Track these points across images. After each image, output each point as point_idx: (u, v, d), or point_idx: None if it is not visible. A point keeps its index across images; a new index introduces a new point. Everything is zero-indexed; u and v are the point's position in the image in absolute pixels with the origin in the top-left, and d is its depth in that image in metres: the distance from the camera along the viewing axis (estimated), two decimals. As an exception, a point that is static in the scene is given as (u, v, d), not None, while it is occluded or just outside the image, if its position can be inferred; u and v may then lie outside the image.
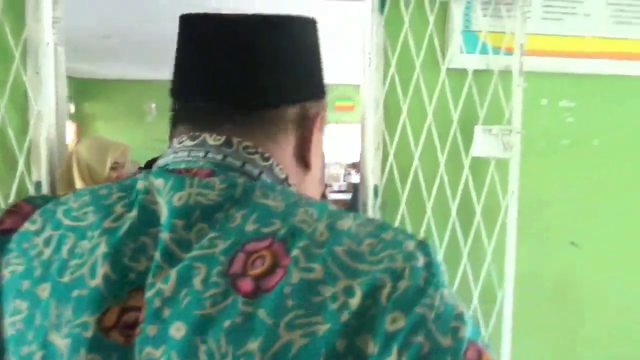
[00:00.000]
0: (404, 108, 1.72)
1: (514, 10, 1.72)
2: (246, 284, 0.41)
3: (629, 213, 1.92)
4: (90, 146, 1.46)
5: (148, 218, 0.47)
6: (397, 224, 1.72)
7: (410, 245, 0.43)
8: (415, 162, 1.73)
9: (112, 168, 1.90)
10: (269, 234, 0.44)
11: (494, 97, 1.74)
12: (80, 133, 7.47)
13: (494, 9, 1.74)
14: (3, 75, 1.53)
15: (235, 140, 0.53)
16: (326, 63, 0.62)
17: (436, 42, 1.73)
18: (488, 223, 1.75)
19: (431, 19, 1.71)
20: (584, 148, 1.88)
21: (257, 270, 0.42)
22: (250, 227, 0.44)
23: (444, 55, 1.74)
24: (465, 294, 1.75)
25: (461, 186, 1.74)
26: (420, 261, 0.42)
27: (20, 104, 1.56)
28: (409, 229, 1.73)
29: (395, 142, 1.73)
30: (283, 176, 0.55)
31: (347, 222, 0.45)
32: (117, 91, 7.64)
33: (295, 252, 0.42)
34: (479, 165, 1.76)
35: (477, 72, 1.74)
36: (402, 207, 1.73)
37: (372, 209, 1.71)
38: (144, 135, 6.64)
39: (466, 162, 1.74)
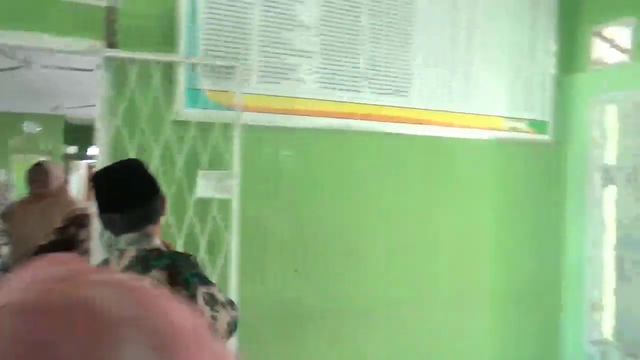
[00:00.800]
0: (131, 155, 1.90)
1: (234, 74, 2.03)
2: None
3: (345, 242, 2.31)
4: None
5: None
6: (125, 260, 1.86)
7: None
8: (143, 203, 1.90)
9: None
10: None
11: (217, 146, 2.01)
12: None
13: (216, 71, 2.03)
14: None
15: None
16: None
17: (162, 97, 1.95)
18: (213, 256, 1.98)
19: (157, 75, 1.94)
20: (304, 189, 2.24)
21: None
22: None
23: (169, 108, 1.97)
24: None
25: (187, 224, 1.95)
26: None
27: None
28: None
29: (124, 185, 1.89)
30: None
31: None
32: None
33: None
34: (205, 205, 2.00)
35: (201, 124, 2.00)
36: (131, 245, 1.87)
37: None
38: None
39: (191, 203, 1.96)
